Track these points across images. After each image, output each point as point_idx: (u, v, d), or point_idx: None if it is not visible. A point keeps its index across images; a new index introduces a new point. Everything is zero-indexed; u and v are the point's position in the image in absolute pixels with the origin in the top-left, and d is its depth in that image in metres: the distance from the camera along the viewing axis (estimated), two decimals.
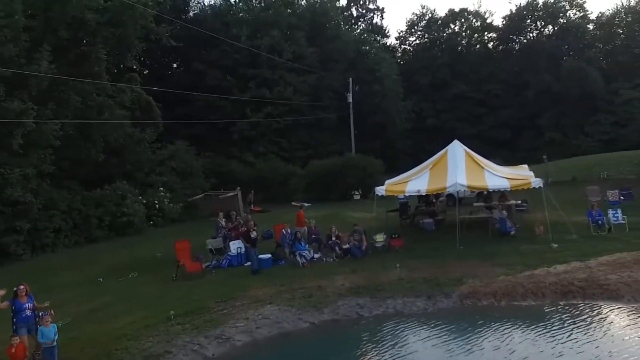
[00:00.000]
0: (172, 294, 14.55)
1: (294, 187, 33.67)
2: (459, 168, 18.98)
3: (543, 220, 17.84)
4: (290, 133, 39.69)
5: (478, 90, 54.80)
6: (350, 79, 41.88)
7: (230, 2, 41.94)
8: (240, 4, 42.48)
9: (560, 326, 11.44)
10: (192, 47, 37.11)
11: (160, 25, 25.41)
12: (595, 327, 11.33)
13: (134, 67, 27.57)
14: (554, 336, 11.00)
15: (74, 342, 11.20)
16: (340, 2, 60.83)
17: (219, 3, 41.52)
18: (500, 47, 59.87)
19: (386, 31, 64.60)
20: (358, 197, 31.63)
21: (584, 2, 56.45)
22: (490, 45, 60.67)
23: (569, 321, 11.68)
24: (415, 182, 19.37)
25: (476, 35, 60.58)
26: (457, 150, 20.31)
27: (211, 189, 30.97)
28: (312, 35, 42.00)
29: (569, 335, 10.93)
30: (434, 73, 55.91)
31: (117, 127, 24.06)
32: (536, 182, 17.89)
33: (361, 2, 63.76)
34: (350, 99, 41.56)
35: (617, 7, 56.55)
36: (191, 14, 40.95)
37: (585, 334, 10.97)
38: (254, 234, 15.77)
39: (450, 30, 60.32)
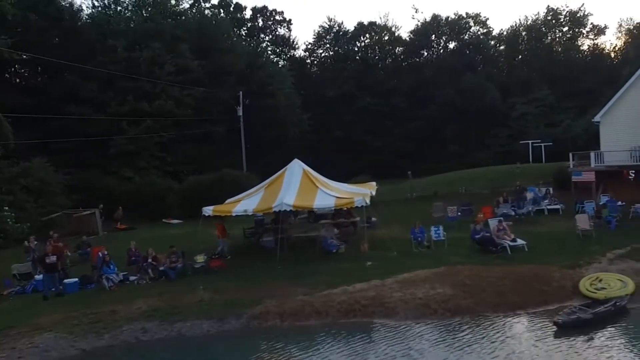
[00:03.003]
0: None
1: (170, 203, 32.90)
2: (291, 187, 19.38)
3: (369, 238, 18.48)
4: (176, 147, 38.80)
5: (384, 103, 56.21)
6: (241, 93, 41.73)
7: (108, 12, 40.68)
8: (123, 13, 41.36)
9: (306, 345, 12.03)
10: (67, 57, 35.73)
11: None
12: (342, 345, 11.97)
13: None
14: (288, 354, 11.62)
15: None
16: (245, 13, 61.50)
17: (95, 13, 40.13)
18: (407, 61, 61.99)
19: (294, 43, 65.53)
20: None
21: (487, 20, 59.68)
22: (397, 59, 62.65)
23: (320, 340, 12.28)
24: (247, 201, 19.60)
25: (387, 48, 62.48)
26: (294, 169, 20.82)
27: (76, 206, 29.77)
28: (200, 48, 41.52)
29: (306, 353, 11.57)
30: (340, 85, 56.92)
31: None
32: (359, 201, 18.51)
33: (267, 14, 64.37)
34: (240, 112, 41.42)
35: (516, 24, 60.22)
36: (65, 23, 39.10)
37: (325, 350, 11.69)
38: (50, 259, 15.27)
39: (359, 43, 61.84)
